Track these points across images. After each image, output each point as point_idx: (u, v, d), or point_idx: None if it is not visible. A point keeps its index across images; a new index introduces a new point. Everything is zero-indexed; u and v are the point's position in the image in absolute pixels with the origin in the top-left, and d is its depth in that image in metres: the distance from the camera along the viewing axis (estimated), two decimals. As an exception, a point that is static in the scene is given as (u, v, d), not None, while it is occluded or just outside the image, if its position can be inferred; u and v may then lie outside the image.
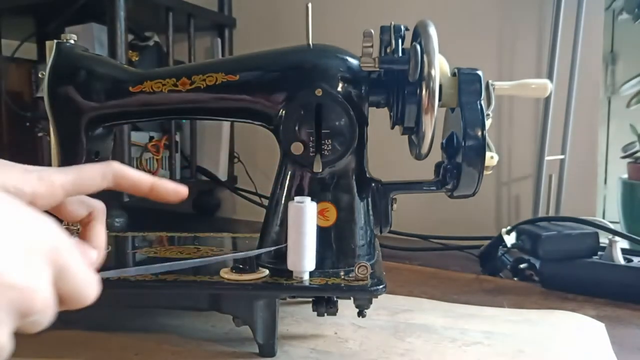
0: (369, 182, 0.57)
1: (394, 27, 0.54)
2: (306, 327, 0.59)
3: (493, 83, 0.57)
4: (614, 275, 0.73)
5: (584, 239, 0.76)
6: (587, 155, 1.06)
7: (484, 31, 1.12)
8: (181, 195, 0.39)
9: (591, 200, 1.06)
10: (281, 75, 0.56)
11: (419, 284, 0.79)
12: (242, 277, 0.51)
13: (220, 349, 0.53)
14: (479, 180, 0.53)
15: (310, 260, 0.50)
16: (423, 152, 0.53)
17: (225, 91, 0.56)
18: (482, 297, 0.73)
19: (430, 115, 0.51)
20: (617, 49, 1.18)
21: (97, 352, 0.53)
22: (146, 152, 1.18)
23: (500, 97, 0.94)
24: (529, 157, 1.09)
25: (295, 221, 0.49)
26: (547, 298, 0.73)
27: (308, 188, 0.54)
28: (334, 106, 0.52)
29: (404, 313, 0.63)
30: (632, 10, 1.06)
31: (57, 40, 0.57)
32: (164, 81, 0.56)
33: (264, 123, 0.57)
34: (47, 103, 0.57)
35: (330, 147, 0.52)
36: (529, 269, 0.83)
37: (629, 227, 1.01)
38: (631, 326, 0.63)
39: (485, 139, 0.52)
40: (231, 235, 0.74)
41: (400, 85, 0.54)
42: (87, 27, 1.15)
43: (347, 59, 0.56)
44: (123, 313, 0.62)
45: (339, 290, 0.50)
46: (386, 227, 0.58)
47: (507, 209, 1.13)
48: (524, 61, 1.09)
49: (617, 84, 1.17)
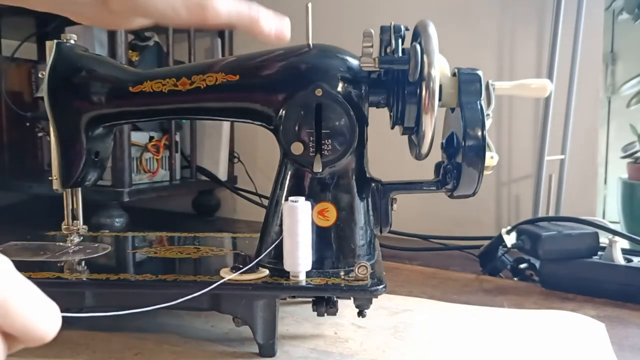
0: (369, 182, 0.57)
1: (394, 27, 0.54)
2: (306, 327, 0.59)
3: (493, 83, 0.57)
4: (614, 275, 0.73)
5: (584, 239, 0.76)
6: (587, 155, 1.06)
7: (484, 31, 1.12)
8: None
9: (591, 200, 1.06)
10: (281, 75, 0.56)
11: (419, 284, 0.79)
12: (242, 277, 0.51)
13: (220, 349, 0.54)
14: (479, 180, 0.53)
15: (306, 260, 0.50)
16: (423, 152, 0.53)
17: (225, 91, 0.56)
18: (482, 297, 0.73)
19: (430, 115, 0.51)
20: (617, 49, 1.18)
21: (97, 352, 0.53)
22: (146, 152, 1.18)
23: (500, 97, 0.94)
24: (529, 157, 1.09)
25: (289, 221, 0.50)
26: (547, 298, 0.73)
27: (308, 188, 0.55)
28: (334, 106, 0.52)
29: (404, 313, 0.63)
30: (632, 10, 1.06)
31: (57, 40, 0.57)
32: (164, 81, 0.56)
33: (264, 123, 0.57)
34: (47, 103, 0.57)
35: (330, 147, 0.52)
36: (529, 269, 0.83)
37: (629, 227, 1.01)
38: (631, 326, 0.63)
39: (485, 139, 0.52)
40: (231, 235, 0.74)
41: (400, 85, 0.54)
42: (87, 27, 1.15)
43: (347, 59, 0.56)
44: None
45: (339, 290, 0.50)
46: (386, 227, 0.58)
47: (507, 209, 1.13)
48: (524, 61, 1.09)
49: (617, 84, 1.17)
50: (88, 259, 0.60)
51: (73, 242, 0.63)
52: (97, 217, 1.06)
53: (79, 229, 0.63)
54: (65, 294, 0.52)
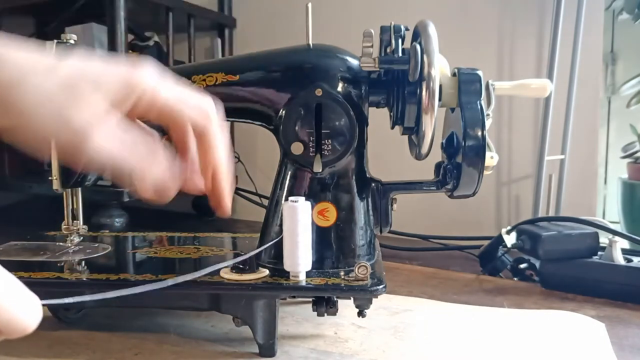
0: (369, 182, 0.57)
1: (394, 27, 0.54)
2: (306, 327, 0.59)
3: (493, 83, 0.57)
4: (614, 275, 0.73)
5: (584, 239, 0.76)
6: (587, 155, 1.06)
7: (484, 31, 1.12)
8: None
9: (591, 200, 1.06)
10: (281, 75, 0.56)
11: (419, 284, 0.79)
12: (242, 277, 0.51)
13: (220, 349, 0.54)
14: (479, 180, 0.53)
15: (306, 260, 0.50)
16: (423, 152, 0.53)
17: (225, 91, 0.56)
18: (482, 297, 0.73)
19: (430, 115, 0.51)
20: (617, 49, 1.18)
21: (97, 352, 0.53)
22: (146, 152, 1.18)
23: (500, 97, 0.94)
24: (529, 157, 1.09)
25: (289, 221, 0.49)
26: (547, 298, 0.73)
27: (308, 188, 0.55)
28: (334, 106, 0.52)
29: (404, 313, 0.63)
30: (632, 10, 1.06)
31: (57, 40, 0.57)
32: (164, 81, 0.56)
33: (264, 123, 0.57)
34: (47, 103, 0.57)
35: (330, 147, 0.52)
36: (529, 269, 0.83)
37: (629, 227, 1.01)
38: (631, 326, 0.63)
39: (485, 139, 0.52)
40: (231, 235, 0.74)
41: (400, 85, 0.54)
42: (87, 27, 1.15)
43: (347, 59, 0.56)
44: (123, 313, 0.62)
45: (339, 290, 0.50)
46: (386, 227, 0.58)
47: (507, 209, 1.13)
48: (524, 61, 1.09)
49: (617, 84, 1.17)
50: (88, 259, 0.60)
51: (73, 242, 0.63)
52: (97, 217, 1.06)
53: (79, 229, 0.63)
54: (65, 294, 0.52)
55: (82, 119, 0.32)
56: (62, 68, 0.33)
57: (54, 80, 0.32)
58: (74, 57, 0.34)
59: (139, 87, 0.34)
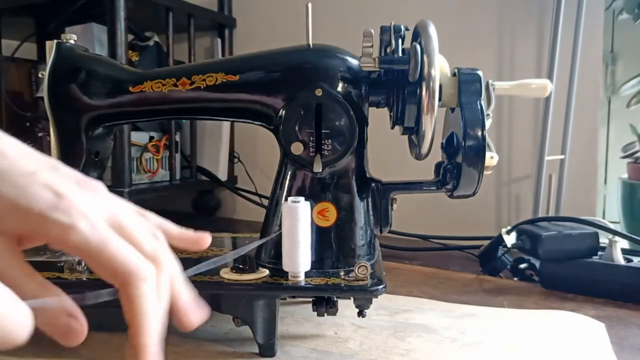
0: (369, 182, 0.57)
1: (394, 27, 0.54)
2: (306, 327, 0.59)
3: (493, 83, 0.57)
4: (614, 275, 0.73)
5: (584, 239, 0.76)
6: (587, 155, 1.06)
7: (484, 31, 1.12)
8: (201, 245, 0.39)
9: (591, 200, 1.06)
10: (281, 75, 0.56)
11: (419, 284, 0.79)
12: (242, 277, 0.51)
13: (220, 349, 0.53)
14: (479, 180, 0.53)
15: (305, 261, 0.50)
16: (423, 152, 0.53)
17: (225, 91, 0.56)
18: (482, 297, 0.73)
19: (430, 115, 0.51)
20: (617, 49, 1.18)
21: (97, 352, 0.53)
22: (146, 152, 1.18)
23: (500, 97, 0.94)
24: (529, 157, 1.09)
25: (289, 221, 0.49)
26: (547, 298, 0.73)
27: (308, 188, 0.55)
28: (334, 106, 0.52)
29: (404, 313, 0.63)
30: (632, 10, 1.06)
31: (57, 40, 0.57)
32: (164, 81, 0.56)
33: (264, 123, 0.57)
34: (47, 103, 0.57)
35: (330, 147, 0.52)
36: (529, 269, 0.83)
37: (629, 227, 1.01)
38: (631, 326, 0.63)
39: (485, 139, 0.52)
40: (231, 235, 0.74)
41: (400, 85, 0.54)
42: (87, 27, 1.15)
43: (347, 59, 0.56)
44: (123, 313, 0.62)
45: (339, 290, 0.50)
46: (386, 227, 0.58)
47: (507, 209, 1.13)
48: (524, 61, 1.09)
49: (617, 84, 1.17)
50: (88, 259, 0.59)
51: (73, 242, 0.63)
52: (97, 217, 1.05)
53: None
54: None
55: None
56: None
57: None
58: None
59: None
